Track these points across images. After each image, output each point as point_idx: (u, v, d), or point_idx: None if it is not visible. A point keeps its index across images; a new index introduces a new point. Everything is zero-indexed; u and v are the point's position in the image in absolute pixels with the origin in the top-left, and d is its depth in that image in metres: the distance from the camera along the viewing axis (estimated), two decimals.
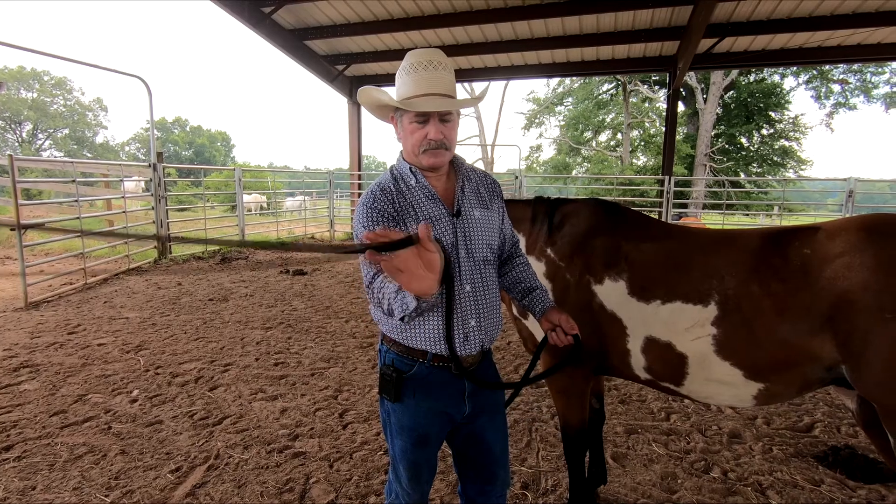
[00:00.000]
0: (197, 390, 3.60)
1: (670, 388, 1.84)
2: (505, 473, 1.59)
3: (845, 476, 2.62)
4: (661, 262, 1.81)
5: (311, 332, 5.01)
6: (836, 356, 1.51)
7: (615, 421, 3.21)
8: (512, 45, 10.71)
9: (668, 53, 10.75)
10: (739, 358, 1.63)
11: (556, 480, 2.57)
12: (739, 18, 9.09)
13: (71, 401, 3.40)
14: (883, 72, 23.13)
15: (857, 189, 10.56)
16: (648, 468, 2.69)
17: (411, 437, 1.45)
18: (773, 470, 2.68)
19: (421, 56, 1.37)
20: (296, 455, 2.78)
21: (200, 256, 9.17)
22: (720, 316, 1.65)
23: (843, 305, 1.48)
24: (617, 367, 1.93)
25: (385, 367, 1.46)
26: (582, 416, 2.03)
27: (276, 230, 12.16)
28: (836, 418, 3.25)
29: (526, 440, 2.97)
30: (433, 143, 1.37)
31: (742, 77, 24.73)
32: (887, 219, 1.58)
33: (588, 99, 29.43)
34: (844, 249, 1.52)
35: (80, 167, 7.92)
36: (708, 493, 2.47)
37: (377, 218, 1.37)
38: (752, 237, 1.72)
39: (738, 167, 25.56)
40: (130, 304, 5.93)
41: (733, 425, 3.16)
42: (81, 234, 7.06)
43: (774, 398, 1.67)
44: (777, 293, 1.57)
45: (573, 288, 1.92)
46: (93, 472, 2.60)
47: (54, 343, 4.54)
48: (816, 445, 2.93)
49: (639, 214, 2.07)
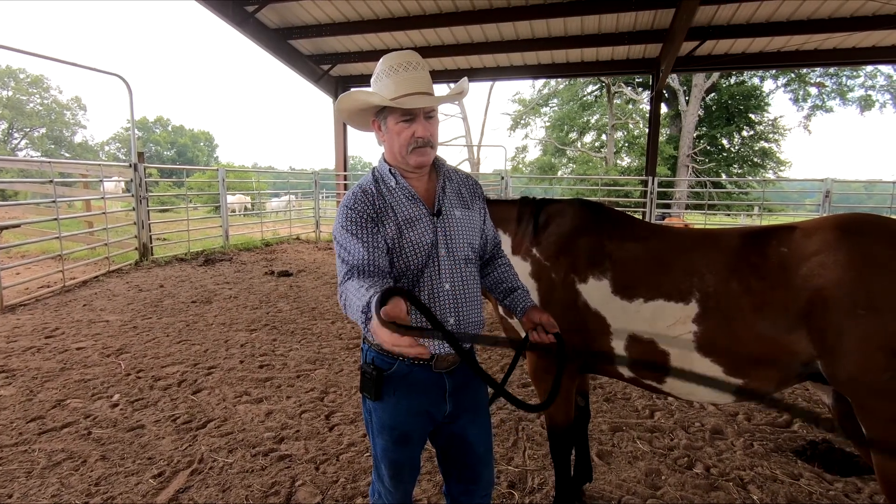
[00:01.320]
0: (180, 394, 3.54)
1: (653, 386, 1.87)
2: (489, 473, 1.60)
3: (823, 470, 2.68)
4: (644, 261, 1.85)
5: (297, 333, 4.97)
6: (811, 351, 1.55)
7: (600, 419, 3.25)
8: (498, 47, 10.77)
9: (651, 56, 10.91)
10: (720, 354, 1.66)
11: (542, 479, 2.59)
12: (720, 22, 9.27)
13: (49, 406, 3.32)
14: (858, 75, 23.80)
15: (833, 189, 10.82)
16: (633, 465, 2.73)
17: (392, 436, 1.45)
18: (754, 465, 2.73)
19: (400, 58, 1.39)
20: (281, 458, 2.75)
21: (183, 258, 9.03)
22: (701, 313, 1.69)
23: (818, 302, 1.52)
24: (601, 365, 1.95)
25: (366, 365, 1.46)
26: (567, 414, 2.05)
27: (261, 231, 12.04)
28: (815, 413, 3.33)
29: (513, 439, 2.98)
30: (420, 140, 1.39)
31: (723, 79, 25.21)
32: (860, 218, 1.63)
33: (573, 100, 29.71)
34: (819, 248, 1.56)
35: (57, 167, 7.74)
36: (691, 489, 2.51)
37: (356, 219, 1.38)
38: (731, 236, 1.76)
39: (720, 168, 26.05)
40: (111, 306, 5.81)
41: (715, 422, 3.21)
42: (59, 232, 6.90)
43: (753, 393, 1.71)
44: (755, 290, 1.61)
45: (558, 287, 1.93)
46: (72, 478, 2.55)
47: (31, 347, 4.43)
48: (796, 440, 2.99)
49: (622, 214, 2.10)
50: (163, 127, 54.76)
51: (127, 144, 48.28)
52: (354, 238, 1.36)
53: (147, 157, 9.39)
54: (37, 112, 44.40)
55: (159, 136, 53.16)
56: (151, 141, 51.94)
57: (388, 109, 1.39)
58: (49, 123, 45.04)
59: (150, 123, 53.68)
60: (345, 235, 1.38)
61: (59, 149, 45.71)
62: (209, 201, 15.67)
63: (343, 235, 1.38)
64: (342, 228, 1.39)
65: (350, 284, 1.28)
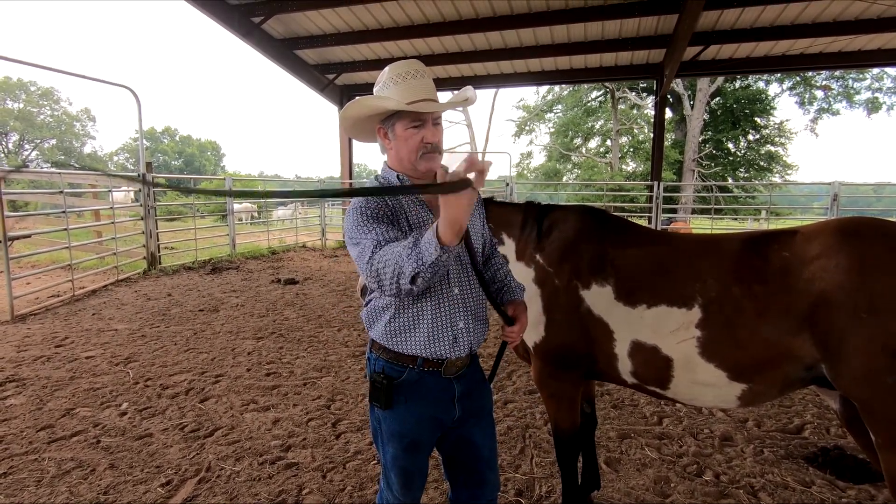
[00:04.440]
0: (187, 402, 3.56)
1: (656, 392, 1.86)
2: (495, 477, 1.60)
3: (835, 477, 2.65)
4: (647, 267, 1.85)
5: (304, 341, 4.99)
6: (815, 355, 1.55)
7: (608, 426, 3.22)
8: (501, 54, 10.82)
9: (654, 61, 10.91)
10: (723, 359, 1.66)
11: (550, 487, 2.57)
12: (724, 27, 9.26)
13: (58, 415, 3.35)
14: (864, 78, 23.67)
15: (841, 193, 10.74)
16: (642, 472, 2.70)
17: (402, 444, 1.46)
18: (765, 472, 2.70)
19: (406, 66, 1.42)
20: (288, 466, 2.76)
21: (191, 267, 9.09)
22: (704, 318, 1.68)
23: (821, 305, 1.51)
24: (605, 371, 1.95)
25: (375, 374, 1.46)
26: (573, 420, 2.04)
27: (268, 239, 12.11)
28: (826, 420, 3.29)
29: (520, 447, 2.97)
30: (430, 146, 1.41)
31: (728, 84, 25.16)
32: (861, 221, 1.63)
33: (577, 106, 29.76)
34: (821, 252, 1.56)
35: (67, 178, 7.85)
36: (701, 497, 2.48)
37: (371, 214, 1.35)
38: (733, 241, 1.76)
39: (726, 172, 25.94)
40: (119, 315, 5.87)
41: (725, 428, 3.18)
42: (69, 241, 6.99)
43: (758, 398, 1.70)
44: (758, 295, 1.61)
45: (562, 293, 1.94)
46: (81, 487, 2.56)
47: (41, 356, 4.47)
48: (806, 447, 2.96)
49: (625, 221, 2.10)
50: (170, 137, 55.41)
51: (135, 155, 48.85)
52: (374, 225, 1.32)
53: (155, 166, 9.49)
54: (47, 124, 45.05)
55: (167, 146, 53.78)
56: (159, 151, 52.54)
57: (395, 116, 1.41)
58: (59, 135, 45.67)
59: (158, 133, 54.33)
60: (362, 229, 1.32)
61: (69, 159, 46.28)
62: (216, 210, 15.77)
63: (359, 231, 1.33)
64: (357, 225, 1.33)
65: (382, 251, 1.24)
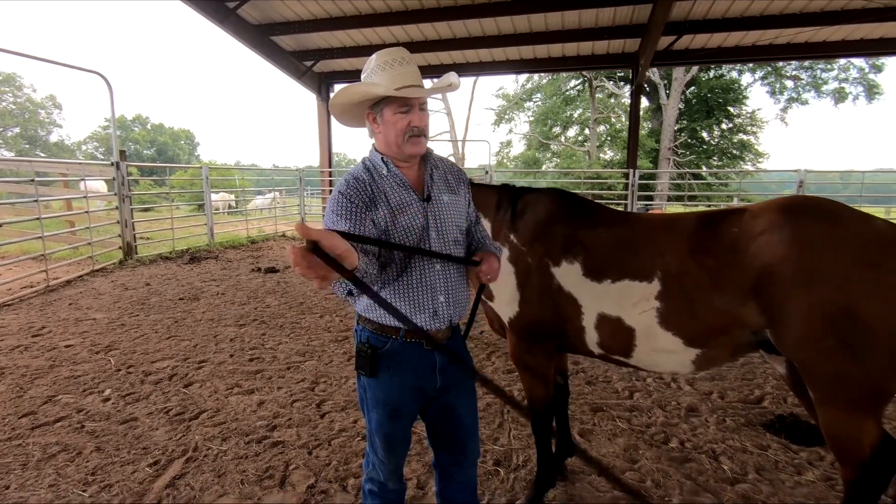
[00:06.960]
0: (171, 387, 3.60)
1: (620, 360, 2.01)
2: (475, 444, 1.71)
3: (789, 441, 2.86)
4: (612, 245, 1.98)
5: (286, 327, 5.03)
6: (761, 322, 1.70)
7: (582, 401, 3.39)
8: (480, 42, 10.85)
9: (630, 50, 11.10)
10: (680, 327, 1.81)
11: (526, 457, 2.72)
12: (696, 17, 9.48)
13: (40, 402, 3.36)
14: (832, 68, 24.36)
15: (808, 180, 11.16)
16: (612, 441, 2.87)
17: (385, 411, 1.56)
18: (726, 438, 2.90)
19: (392, 54, 1.50)
20: (274, 444, 2.84)
21: (168, 257, 8.98)
22: (663, 291, 1.83)
23: (766, 277, 1.66)
24: (574, 343, 2.08)
25: (361, 344, 1.56)
26: (546, 391, 2.17)
27: (247, 229, 11.99)
28: (784, 391, 3.51)
29: (498, 421, 3.11)
30: (417, 129, 1.49)
31: (702, 73, 25.60)
32: (803, 200, 1.79)
33: (556, 95, 29.90)
34: (766, 227, 1.71)
35: (36, 166, 7.63)
36: (666, 462, 2.66)
37: (346, 204, 1.45)
38: (689, 220, 1.91)
39: (700, 160, 26.50)
40: (97, 305, 5.80)
41: (691, 400, 3.38)
42: None
43: (711, 362, 1.87)
44: (711, 268, 1.76)
45: (534, 271, 2.06)
46: (68, 469, 2.60)
47: (18, 346, 4.43)
48: (765, 415, 3.17)
49: (594, 203, 2.23)
50: (142, 125, 53.71)
51: (105, 143, 47.29)
52: (341, 219, 1.43)
53: (127, 155, 9.29)
54: (10, 111, 43.21)
55: (138, 135, 52.12)
56: (130, 139, 50.91)
57: (384, 102, 1.49)
58: (23, 123, 43.89)
59: (129, 122, 52.61)
60: (332, 217, 1.44)
61: (34, 148, 44.59)
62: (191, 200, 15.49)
63: (331, 217, 1.45)
64: (331, 212, 1.46)
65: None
